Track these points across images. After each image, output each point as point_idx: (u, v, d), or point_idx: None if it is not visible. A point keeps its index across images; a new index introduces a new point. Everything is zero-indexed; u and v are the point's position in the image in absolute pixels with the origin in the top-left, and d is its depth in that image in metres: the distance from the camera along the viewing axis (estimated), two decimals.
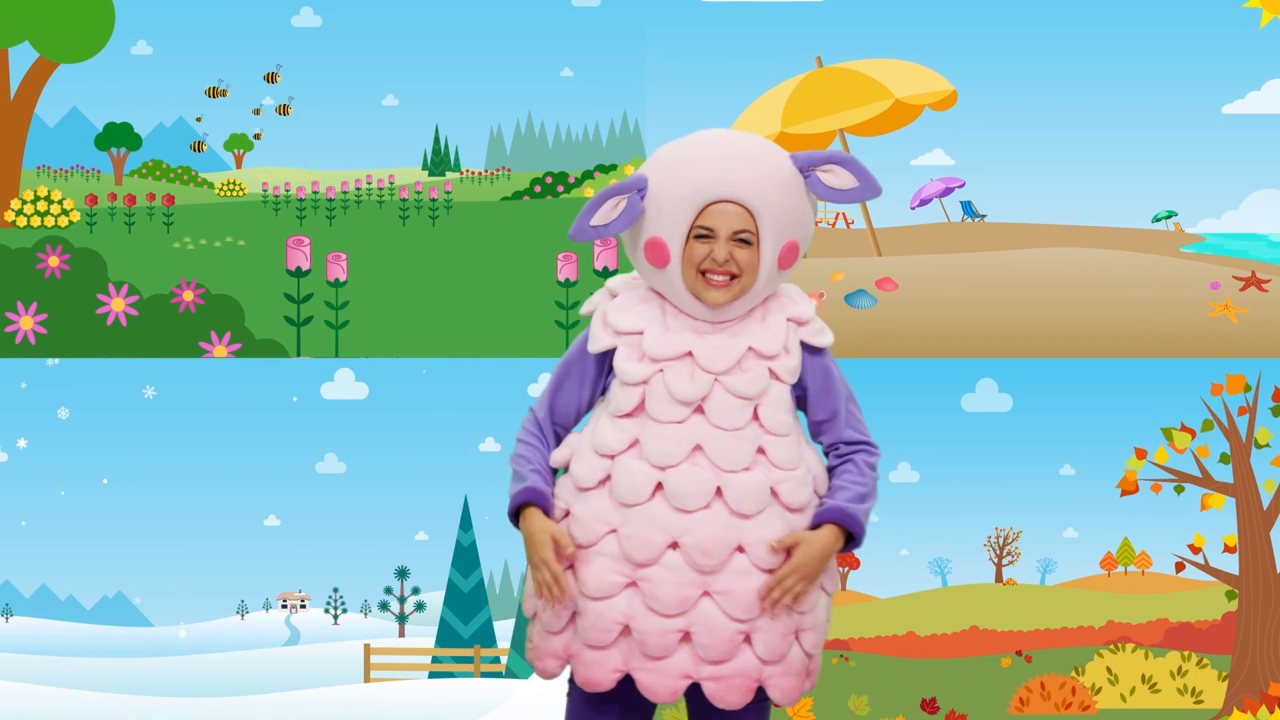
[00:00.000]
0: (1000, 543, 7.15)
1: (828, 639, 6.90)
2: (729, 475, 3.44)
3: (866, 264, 7.28)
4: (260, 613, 7.34)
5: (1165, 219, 7.46)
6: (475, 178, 7.55)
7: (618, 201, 3.48)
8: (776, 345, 3.50)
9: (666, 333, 3.49)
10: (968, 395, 7.18)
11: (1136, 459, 7.00)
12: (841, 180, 3.50)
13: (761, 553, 3.45)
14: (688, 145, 3.52)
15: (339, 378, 7.35)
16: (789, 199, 3.47)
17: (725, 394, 3.46)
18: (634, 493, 3.44)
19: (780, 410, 3.48)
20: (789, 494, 3.47)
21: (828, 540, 3.48)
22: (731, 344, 3.48)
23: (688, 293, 3.47)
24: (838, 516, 3.49)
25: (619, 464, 3.46)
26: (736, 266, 3.45)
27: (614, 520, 3.46)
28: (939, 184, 7.55)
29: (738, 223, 3.44)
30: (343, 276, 7.37)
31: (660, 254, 3.46)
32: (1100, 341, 7.00)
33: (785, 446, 3.47)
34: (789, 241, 3.48)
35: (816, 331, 3.57)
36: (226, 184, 7.55)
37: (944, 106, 7.33)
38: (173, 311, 7.34)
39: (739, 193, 3.44)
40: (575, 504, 3.50)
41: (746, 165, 3.46)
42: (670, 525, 3.43)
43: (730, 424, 3.45)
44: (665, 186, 3.46)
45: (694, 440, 3.45)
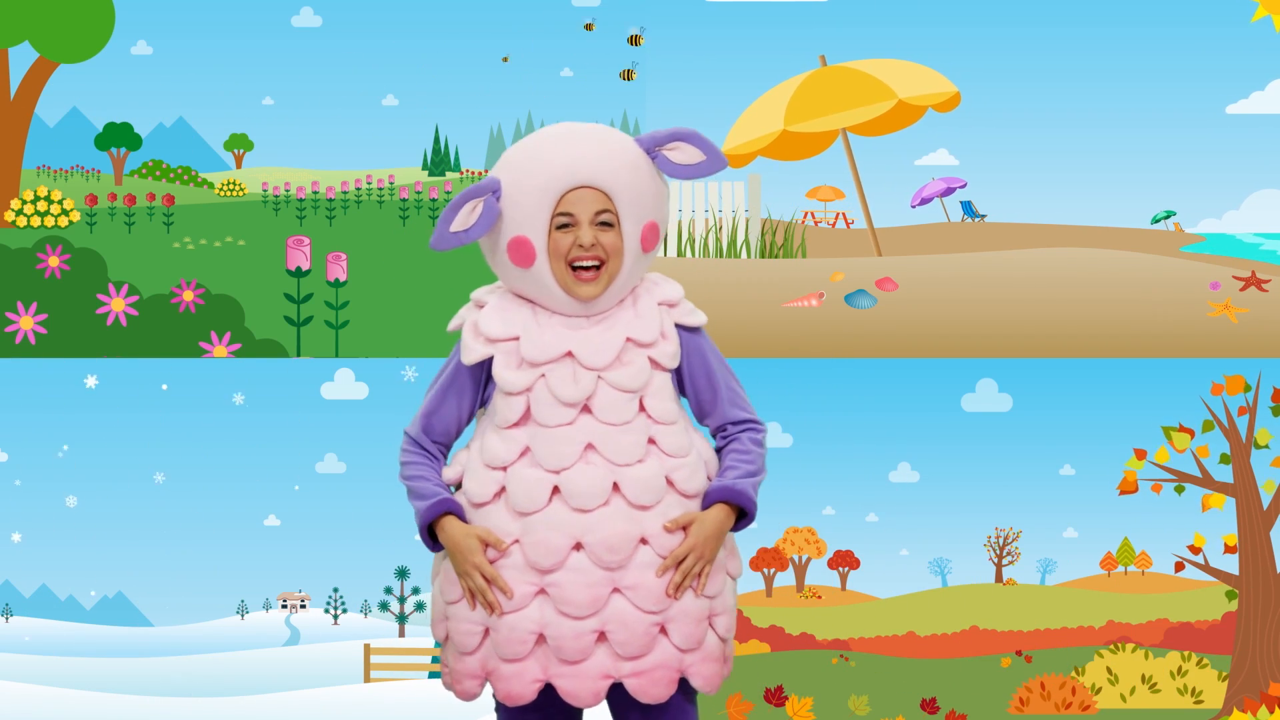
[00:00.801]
0: (1000, 543, 7.16)
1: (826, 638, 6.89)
2: (624, 469, 3.50)
3: (866, 264, 7.30)
4: (260, 613, 7.35)
5: (1165, 219, 7.49)
6: (476, 177, 7.57)
7: (473, 205, 3.54)
8: (653, 331, 3.57)
9: (542, 334, 3.54)
10: (968, 395, 7.18)
11: (1136, 459, 7.01)
12: (688, 156, 3.58)
13: (665, 542, 3.51)
14: (535, 140, 3.61)
15: (339, 378, 7.35)
16: (642, 179, 3.55)
17: (610, 390, 3.52)
18: (531, 500, 3.49)
19: (665, 399, 3.56)
20: (684, 481, 3.54)
21: (720, 518, 3.55)
22: (609, 337, 3.54)
23: (558, 288, 3.53)
24: (726, 495, 3.55)
25: (513, 474, 3.50)
26: (603, 251, 3.50)
27: (514, 530, 3.50)
28: (940, 183, 7.58)
29: (597, 204, 3.52)
30: (343, 276, 7.40)
31: (525, 251, 3.52)
32: (1100, 341, 7.01)
33: (675, 434, 3.54)
34: (648, 222, 3.56)
35: (688, 312, 3.63)
36: (226, 184, 7.55)
37: (947, 108, 7.40)
38: (173, 311, 7.35)
39: (594, 175, 3.51)
40: (472, 520, 3.54)
41: (597, 149, 3.54)
42: (572, 527, 3.48)
43: (619, 419, 3.51)
44: (520, 182, 3.53)
45: (585, 440, 3.50)
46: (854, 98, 7.39)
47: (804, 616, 7.16)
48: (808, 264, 7.42)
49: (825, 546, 7.19)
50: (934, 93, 7.36)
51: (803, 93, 7.44)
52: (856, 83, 7.42)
